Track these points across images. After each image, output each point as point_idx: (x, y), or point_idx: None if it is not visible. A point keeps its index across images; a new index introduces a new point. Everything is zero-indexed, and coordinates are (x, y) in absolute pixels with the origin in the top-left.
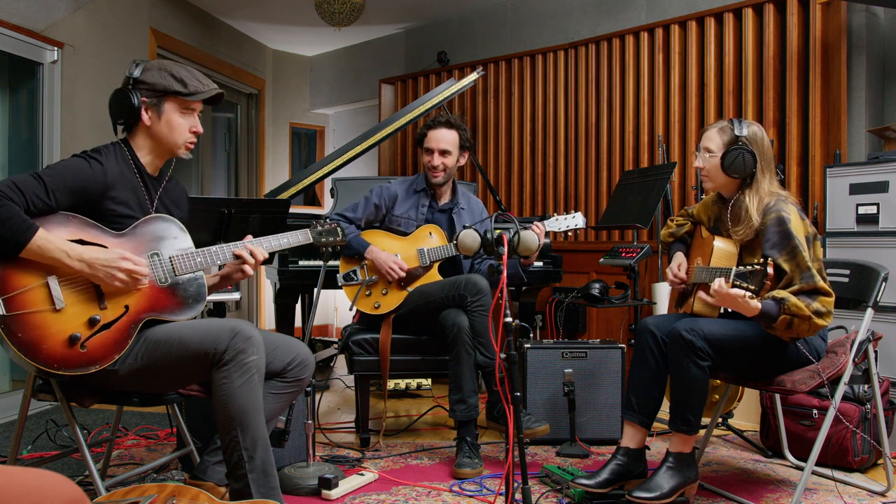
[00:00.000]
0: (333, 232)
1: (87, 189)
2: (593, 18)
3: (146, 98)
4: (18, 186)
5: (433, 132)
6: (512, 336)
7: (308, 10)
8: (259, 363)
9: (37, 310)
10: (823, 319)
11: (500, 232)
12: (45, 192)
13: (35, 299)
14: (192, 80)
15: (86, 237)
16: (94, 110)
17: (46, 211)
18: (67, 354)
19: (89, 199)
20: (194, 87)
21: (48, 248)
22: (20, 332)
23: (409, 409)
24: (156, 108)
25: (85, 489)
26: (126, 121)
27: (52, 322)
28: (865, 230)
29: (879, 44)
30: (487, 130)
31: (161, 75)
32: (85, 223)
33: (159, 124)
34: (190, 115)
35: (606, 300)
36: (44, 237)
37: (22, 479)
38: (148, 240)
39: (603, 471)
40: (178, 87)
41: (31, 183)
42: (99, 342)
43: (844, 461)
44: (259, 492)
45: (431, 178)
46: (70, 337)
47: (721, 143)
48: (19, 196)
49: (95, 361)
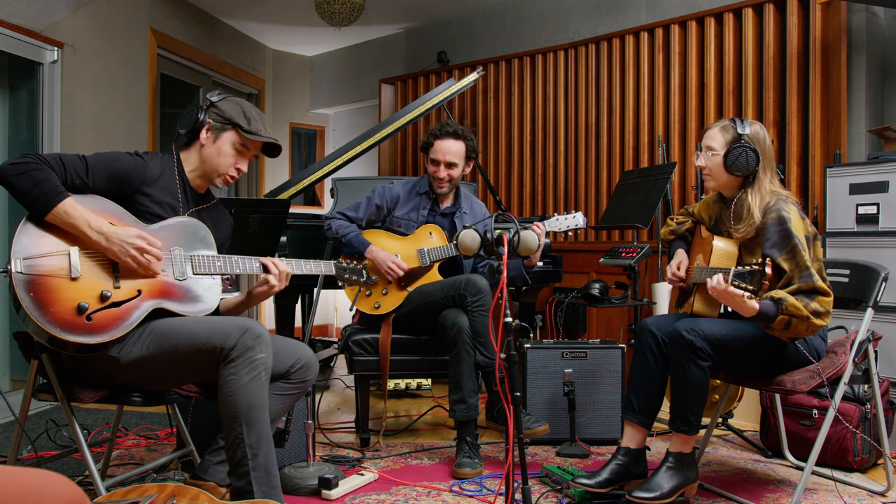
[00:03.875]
0: (357, 272)
1: (126, 179)
2: (593, 18)
3: (212, 120)
4: (62, 160)
5: (440, 143)
6: (512, 336)
7: (308, 10)
8: (267, 361)
9: (53, 274)
10: (822, 319)
11: (500, 232)
12: (86, 172)
13: (54, 265)
14: (257, 123)
15: (114, 221)
16: (94, 110)
17: (83, 189)
18: (72, 321)
19: (125, 189)
20: (256, 128)
21: (73, 214)
22: (33, 292)
23: (409, 409)
24: (215, 133)
25: (85, 489)
26: (188, 132)
27: (65, 288)
28: (865, 230)
29: (879, 44)
30: (487, 130)
31: (233, 107)
32: (117, 209)
33: (212, 147)
34: (241, 153)
35: (606, 300)
36: (71, 204)
37: (22, 479)
38: (173, 235)
39: (603, 471)
40: (243, 122)
41: (75, 160)
42: (105, 317)
43: (844, 461)
44: (261, 490)
45: (437, 188)
46: (78, 306)
47: (724, 141)
48: (60, 167)
49: (98, 334)
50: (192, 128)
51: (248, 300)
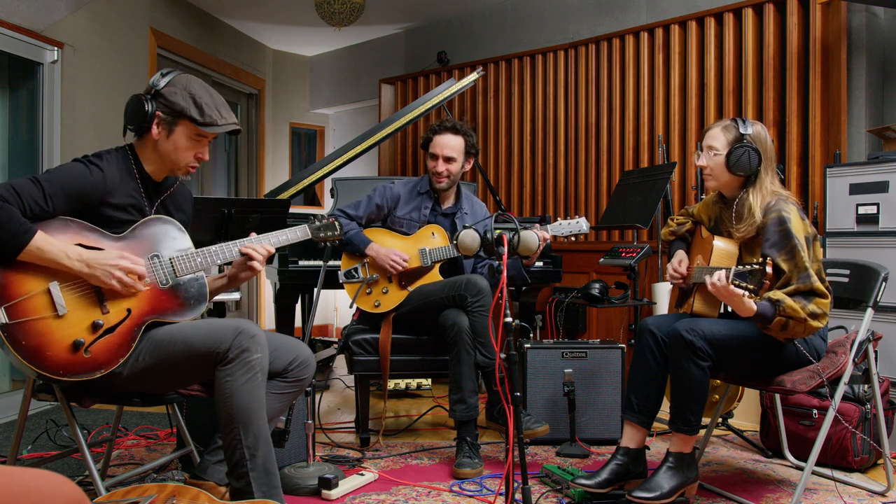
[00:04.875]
0: (331, 227)
1: (86, 195)
2: (593, 18)
3: (161, 113)
4: (16, 190)
5: (438, 137)
6: (512, 336)
7: (308, 10)
8: (262, 362)
9: (39, 317)
10: (819, 321)
11: (500, 232)
12: (43, 198)
13: (37, 306)
14: (211, 109)
15: (85, 241)
16: (94, 110)
17: (43, 216)
18: (72, 360)
19: (88, 204)
20: (210, 117)
21: (47, 248)
22: (24, 340)
23: (409, 409)
24: (167, 126)
25: (85, 489)
26: (136, 128)
27: (55, 328)
28: (865, 230)
29: (879, 44)
30: (487, 130)
31: (182, 95)
32: (83, 227)
33: (166, 142)
34: (199, 142)
35: (606, 300)
36: (43, 238)
37: (22, 479)
38: (147, 242)
39: (603, 471)
40: (195, 113)
41: (30, 187)
42: (103, 346)
43: (844, 461)
44: (260, 490)
45: (435, 183)
46: (74, 343)
47: (726, 141)
48: (16, 199)
49: (100, 366)
50: (141, 123)
51: (230, 283)
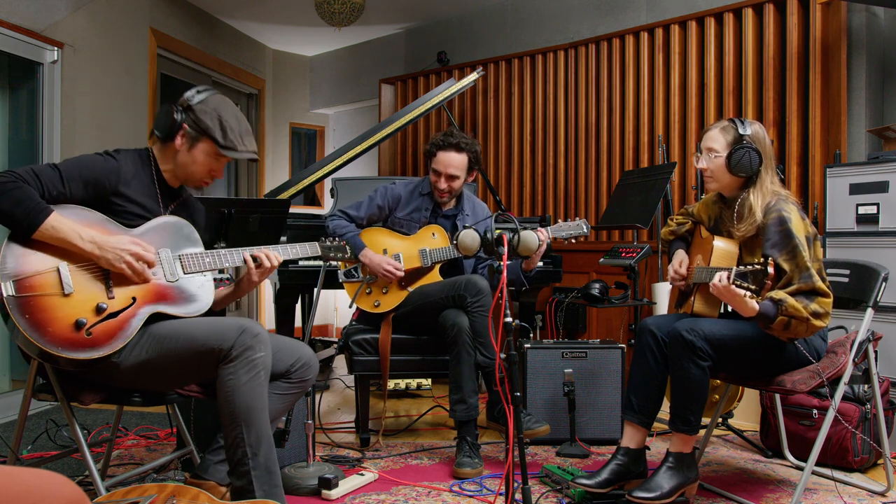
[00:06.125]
0: (341, 249)
1: (100, 182)
2: (593, 18)
3: (187, 126)
4: (36, 173)
5: (442, 154)
6: (512, 336)
7: (308, 10)
8: (266, 360)
9: (46, 293)
10: (821, 321)
11: (500, 232)
12: (61, 181)
13: (45, 283)
14: (234, 135)
15: (99, 230)
16: (95, 110)
17: (61, 199)
18: (72, 338)
19: (101, 193)
20: (232, 142)
21: (61, 228)
22: (28, 314)
23: (409, 409)
24: (190, 140)
25: (85, 489)
26: (162, 135)
27: (60, 306)
28: (865, 230)
29: (879, 44)
30: (487, 130)
31: (211, 116)
32: (99, 217)
33: (186, 155)
34: (217, 161)
35: (606, 300)
36: (57, 219)
37: (22, 479)
38: (159, 237)
39: (603, 471)
40: (218, 135)
41: (48, 171)
42: (104, 329)
43: (844, 461)
44: (262, 489)
45: (437, 198)
46: (76, 322)
47: (725, 142)
48: (36, 181)
49: (99, 348)
50: (168, 131)
51: (236, 291)
